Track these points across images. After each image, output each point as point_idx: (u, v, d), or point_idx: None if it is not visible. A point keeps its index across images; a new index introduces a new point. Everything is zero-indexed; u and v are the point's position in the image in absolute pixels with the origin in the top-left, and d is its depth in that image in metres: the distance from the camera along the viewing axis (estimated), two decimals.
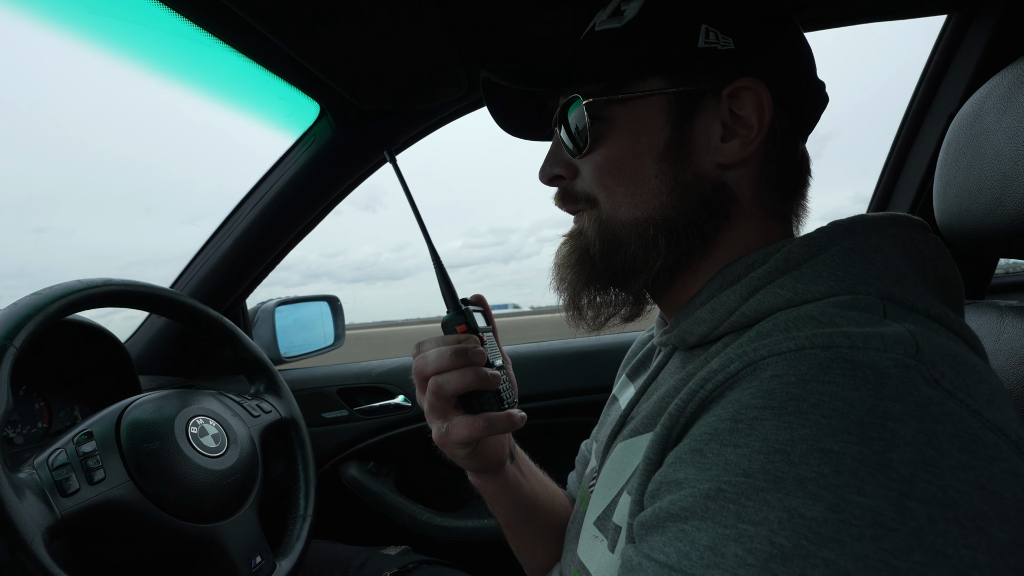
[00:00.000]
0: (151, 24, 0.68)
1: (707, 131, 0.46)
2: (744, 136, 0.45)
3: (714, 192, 0.46)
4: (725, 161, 0.46)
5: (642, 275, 0.47)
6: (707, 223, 0.46)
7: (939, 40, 0.90)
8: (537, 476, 0.67)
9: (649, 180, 0.46)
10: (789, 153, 0.48)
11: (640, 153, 0.46)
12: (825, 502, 0.26)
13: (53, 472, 0.56)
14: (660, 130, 0.46)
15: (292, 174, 0.99)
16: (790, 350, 0.33)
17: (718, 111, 0.45)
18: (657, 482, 0.34)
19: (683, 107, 0.45)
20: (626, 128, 0.47)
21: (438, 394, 0.49)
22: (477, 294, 0.59)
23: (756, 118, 0.45)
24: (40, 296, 0.62)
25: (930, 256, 0.42)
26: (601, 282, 0.50)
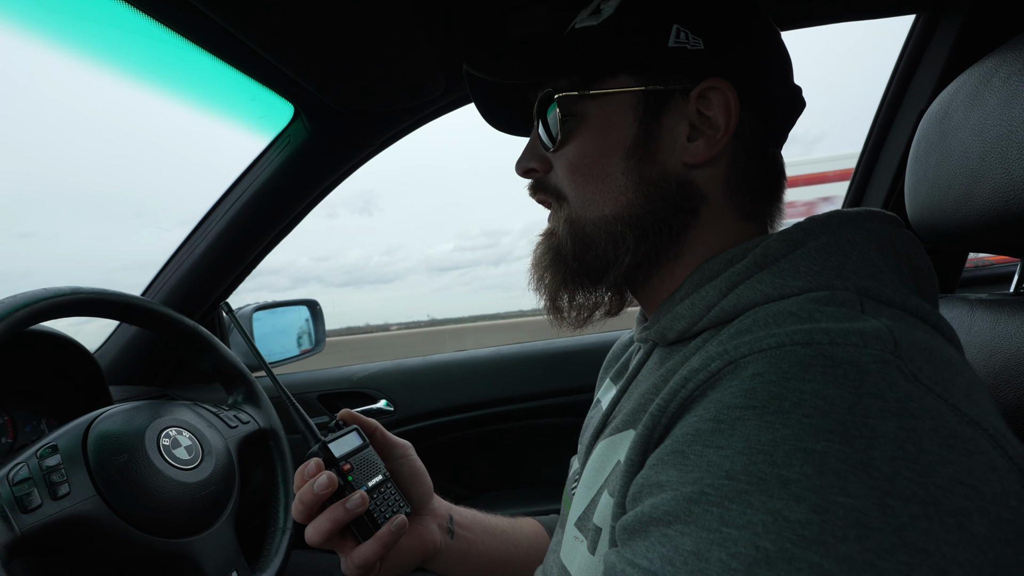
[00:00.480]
0: (121, 26, 0.66)
1: (673, 130, 0.46)
2: (710, 136, 0.46)
3: (679, 190, 0.47)
4: (691, 160, 0.46)
5: (612, 271, 0.48)
6: (674, 220, 0.47)
7: (908, 39, 0.92)
8: (494, 533, 0.67)
9: (616, 177, 0.47)
10: (757, 155, 0.48)
11: (607, 150, 0.47)
12: (808, 503, 0.26)
13: (13, 487, 0.54)
14: (627, 127, 0.47)
15: (267, 176, 0.97)
16: (770, 347, 0.33)
17: (686, 111, 0.46)
18: (639, 484, 0.34)
19: (651, 105, 0.46)
20: (595, 124, 0.47)
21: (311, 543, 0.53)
22: (345, 411, 0.62)
23: (723, 118, 0.45)
24: (2, 305, 0.59)
25: (904, 250, 0.42)
26: (577, 280, 0.50)
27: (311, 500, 0.52)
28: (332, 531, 0.52)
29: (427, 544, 0.59)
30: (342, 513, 0.52)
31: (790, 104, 0.50)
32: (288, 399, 0.59)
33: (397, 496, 0.58)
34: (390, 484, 0.58)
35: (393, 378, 1.26)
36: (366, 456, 0.58)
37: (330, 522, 0.52)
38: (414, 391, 1.26)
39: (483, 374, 1.26)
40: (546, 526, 0.72)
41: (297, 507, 0.53)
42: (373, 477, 0.57)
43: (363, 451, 0.58)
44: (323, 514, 0.52)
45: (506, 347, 1.33)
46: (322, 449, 0.56)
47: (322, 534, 0.52)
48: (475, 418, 1.25)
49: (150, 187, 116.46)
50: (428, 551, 0.59)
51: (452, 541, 0.62)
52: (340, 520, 0.52)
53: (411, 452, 0.64)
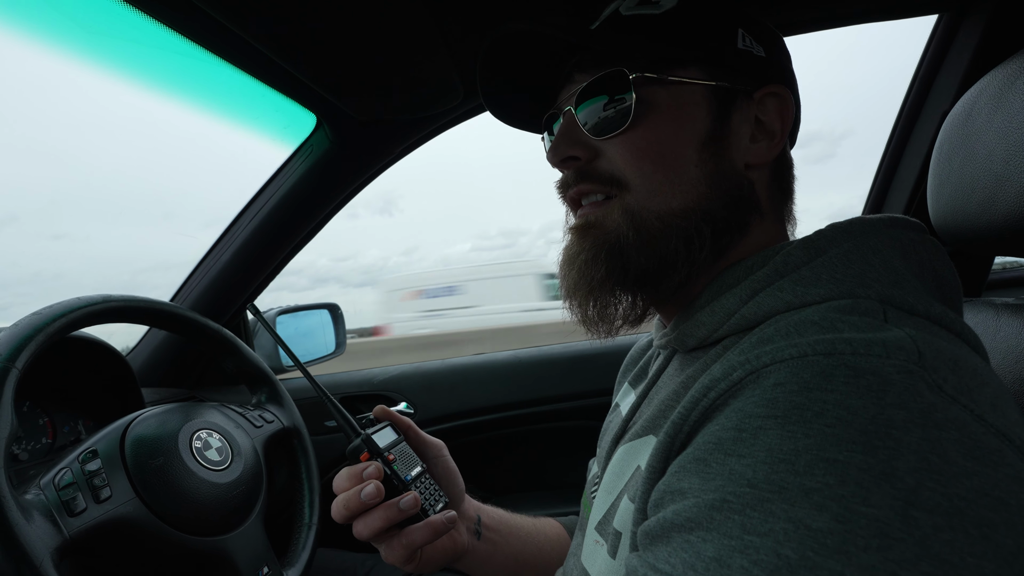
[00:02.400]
0: (154, 44, 0.69)
1: (739, 130, 0.47)
2: (768, 141, 0.47)
3: (748, 189, 0.47)
4: (753, 161, 0.47)
5: (682, 270, 0.45)
6: (743, 218, 0.47)
7: (931, 40, 0.90)
8: (519, 535, 0.68)
9: (689, 169, 0.45)
10: (790, 159, 0.51)
11: (683, 140, 0.45)
12: (830, 512, 0.26)
13: (60, 492, 0.57)
14: (703, 119, 0.45)
15: (290, 185, 0.99)
16: (792, 357, 0.33)
17: (749, 112, 0.47)
18: (661, 491, 0.35)
19: (722, 101, 0.46)
20: (669, 112, 0.45)
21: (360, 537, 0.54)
22: (380, 407, 0.62)
23: (779, 124, 0.47)
24: (40, 316, 0.62)
25: (927, 257, 0.42)
26: (627, 281, 0.46)
27: (357, 507, 0.53)
28: (383, 528, 0.53)
29: (457, 544, 0.60)
30: (395, 513, 0.53)
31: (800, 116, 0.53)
32: (325, 396, 0.60)
33: (436, 488, 0.59)
34: (428, 476, 0.59)
35: (413, 381, 1.28)
36: (404, 449, 0.59)
37: (384, 520, 0.53)
38: (433, 394, 1.27)
39: (502, 377, 1.27)
40: (567, 528, 0.73)
41: (339, 511, 0.53)
42: (414, 467, 0.58)
43: (401, 444, 0.59)
44: (376, 511, 0.53)
45: (524, 350, 1.34)
46: (366, 441, 0.56)
47: (373, 531, 0.53)
48: (494, 421, 1.26)
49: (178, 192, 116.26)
50: (457, 551, 0.60)
51: (479, 542, 0.63)
52: (393, 519, 0.53)
53: (445, 452, 0.65)
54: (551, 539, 0.70)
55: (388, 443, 0.58)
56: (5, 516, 0.50)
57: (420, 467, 0.59)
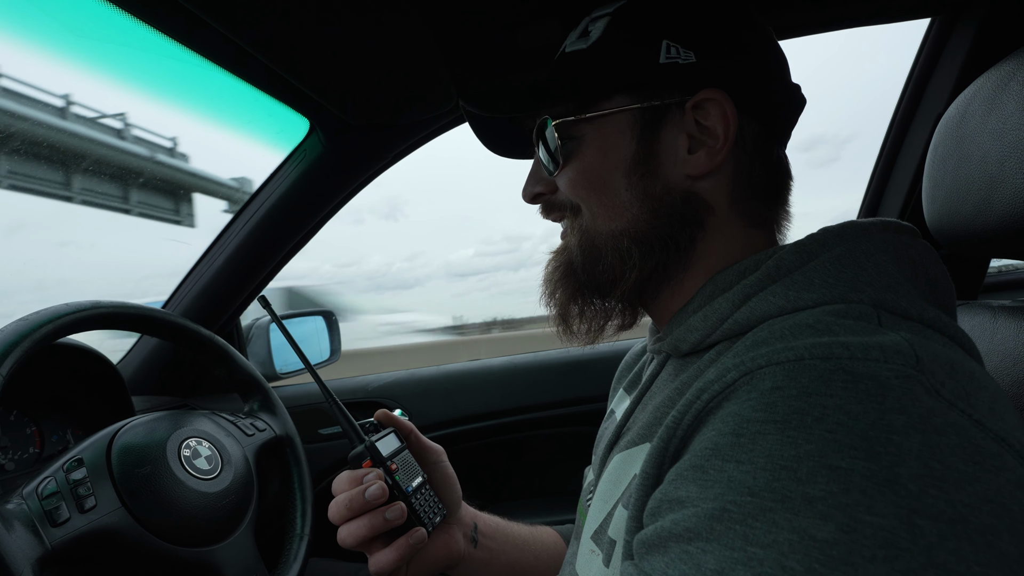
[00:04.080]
0: (147, 48, 0.69)
1: (673, 144, 0.46)
2: (711, 146, 0.46)
3: (684, 203, 0.47)
4: (694, 172, 0.46)
5: (620, 284, 0.48)
6: (680, 234, 0.47)
7: (924, 43, 0.91)
8: (516, 542, 0.68)
9: (620, 193, 0.47)
10: (763, 160, 0.48)
11: (609, 168, 0.47)
12: (835, 522, 0.25)
13: (43, 501, 0.56)
14: (626, 145, 0.47)
15: (283, 190, 0.99)
16: (788, 360, 0.32)
17: (683, 124, 0.46)
18: (657, 499, 0.34)
19: (648, 122, 0.47)
20: (594, 145, 0.48)
21: (343, 545, 0.54)
22: (382, 411, 0.62)
23: (721, 128, 0.45)
24: (26, 322, 0.61)
25: (920, 261, 0.42)
26: (586, 294, 0.51)
27: (360, 507, 0.53)
28: (368, 537, 0.53)
29: (452, 552, 0.60)
30: (380, 522, 0.53)
31: (790, 104, 0.50)
32: (331, 398, 0.59)
33: (436, 500, 0.59)
34: (428, 487, 0.59)
35: (407, 388, 1.27)
36: (406, 457, 0.59)
37: (369, 528, 0.53)
38: (428, 400, 1.26)
39: (497, 383, 1.26)
40: (564, 536, 0.72)
41: (339, 510, 0.53)
42: (415, 478, 0.58)
43: (403, 452, 0.59)
44: (362, 519, 0.53)
45: (519, 356, 1.33)
46: (370, 449, 0.56)
47: (357, 539, 0.53)
48: (489, 427, 1.25)
49: None
50: (453, 559, 0.60)
51: (475, 550, 0.63)
52: (378, 528, 0.53)
53: (444, 458, 0.65)
54: (548, 547, 0.70)
55: (391, 451, 0.57)
56: None
57: (421, 477, 0.58)
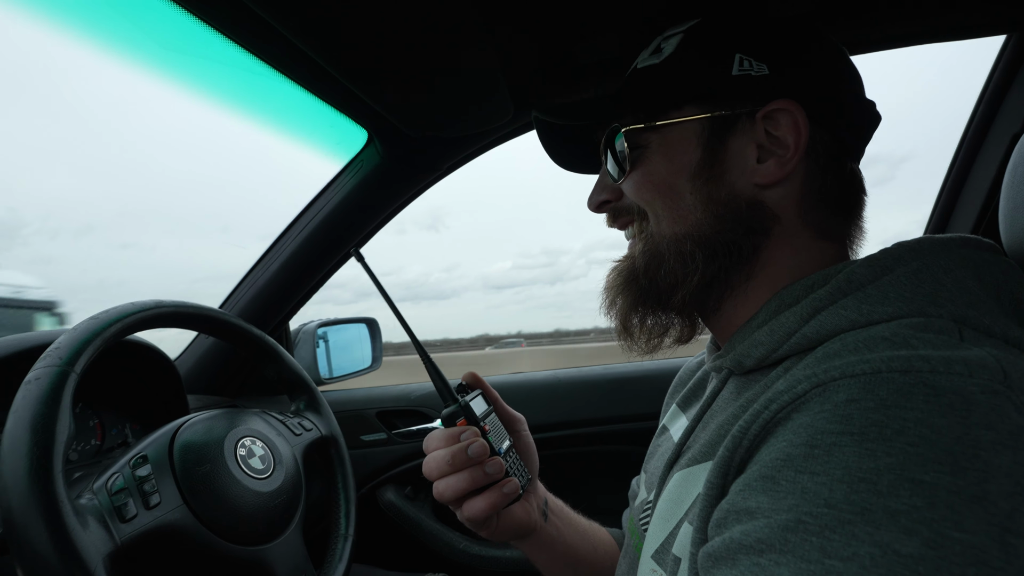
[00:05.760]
0: (221, 60, 0.72)
1: (741, 152, 0.47)
2: (780, 156, 0.46)
3: (750, 210, 0.47)
4: (762, 181, 0.47)
5: (681, 290, 0.48)
6: (744, 240, 0.47)
7: (998, 60, 0.87)
8: (578, 529, 0.67)
9: (684, 196, 0.48)
10: (834, 172, 0.48)
11: (674, 171, 0.49)
12: (921, 537, 0.24)
13: (112, 497, 0.57)
14: (692, 152, 0.48)
15: (339, 199, 1.01)
16: (864, 372, 0.31)
17: (753, 134, 0.47)
18: (724, 511, 0.33)
19: (715, 130, 0.48)
20: (660, 151, 0.49)
21: (440, 500, 0.55)
22: (470, 373, 0.62)
23: (792, 138, 0.46)
24: (97, 320, 0.64)
25: (1004, 279, 0.40)
26: (648, 302, 0.51)
27: (463, 463, 0.53)
28: (468, 491, 0.54)
29: (530, 520, 0.60)
30: (481, 476, 0.53)
31: (863, 119, 0.50)
32: (423, 354, 0.59)
33: (521, 463, 0.59)
34: (514, 450, 0.59)
35: None
36: (495, 420, 0.59)
37: (470, 482, 0.53)
38: None
39: (541, 397, 1.25)
40: (615, 538, 0.72)
41: (439, 465, 0.54)
42: (504, 441, 0.58)
43: (491, 415, 0.59)
44: (463, 473, 0.53)
45: (563, 370, 1.32)
46: (465, 408, 0.56)
47: (457, 492, 0.53)
48: None
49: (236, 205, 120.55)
50: (529, 527, 0.60)
51: (545, 524, 0.63)
52: (479, 482, 0.53)
53: (525, 427, 0.65)
54: (604, 542, 0.69)
55: (482, 412, 0.58)
56: (63, 522, 0.49)
57: (508, 441, 0.59)
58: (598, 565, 0.65)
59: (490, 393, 0.63)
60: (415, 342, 0.59)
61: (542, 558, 0.64)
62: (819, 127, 0.46)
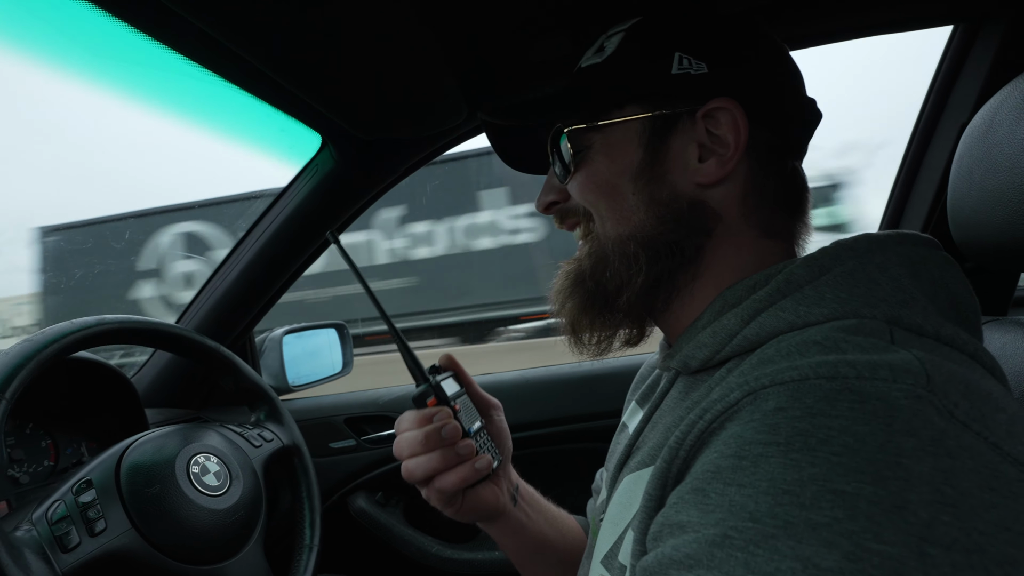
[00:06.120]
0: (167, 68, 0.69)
1: (683, 152, 0.47)
2: (721, 155, 0.46)
3: (691, 210, 0.47)
4: (703, 180, 0.47)
5: (626, 291, 0.48)
6: (686, 241, 0.47)
7: (946, 51, 0.88)
8: (547, 515, 0.67)
9: (627, 197, 0.48)
10: (775, 170, 0.48)
11: (616, 172, 0.48)
12: (841, 550, 0.24)
13: (52, 527, 0.55)
14: (634, 152, 0.48)
15: (295, 205, 0.99)
16: (793, 380, 0.32)
17: (694, 133, 0.47)
18: (659, 524, 0.33)
19: (656, 130, 0.47)
20: (603, 151, 0.49)
21: (409, 480, 0.54)
22: (446, 355, 0.61)
23: (732, 136, 0.46)
24: (32, 343, 0.61)
25: (940, 275, 0.40)
26: (595, 305, 0.51)
27: (435, 443, 0.53)
28: (440, 471, 0.53)
29: (498, 502, 0.60)
30: (453, 456, 0.53)
31: (804, 117, 0.51)
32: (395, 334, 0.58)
33: (492, 445, 0.59)
34: (486, 432, 0.59)
35: None
36: (467, 401, 0.59)
37: (443, 462, 0.53)
38: None
39: (509, 397, 1.23)
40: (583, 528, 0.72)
41: (412, 446, 0.53)
42: (475, 422, 0.58)
43: (463, 396, 0.59)
44: (435, 453, 0.53)
45: (532, 370, 1.32)
46: (435, 388, 0.56)
47: (428, 471, 0.53)
48: None
49: None
50: (497, 509, 0.60)
51: (514, 508, 0.62)
52: (451, 463, 0.53)
53: (500, 413, 0.65)
54: (572, 529, 0.69)
55: (453, 393, 0.58)
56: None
57: (480, 422, 0.59)
58: (566, 553, 0.65)
59: (464, 376, 0.62)
60: (387, 322, 0.58)
61: (510, 543, 0.64)
62: (759, 125, 0.46)
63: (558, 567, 0.64)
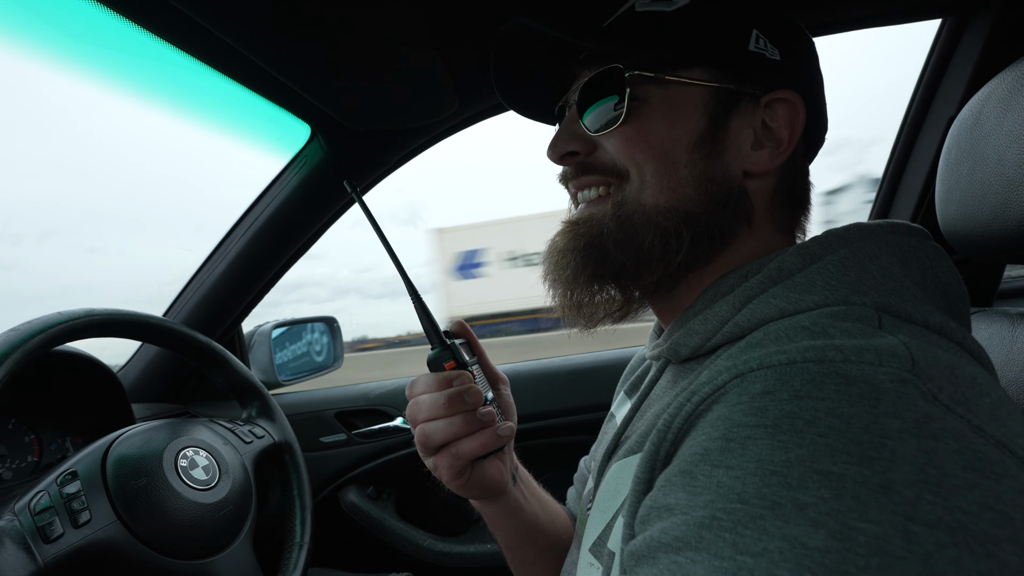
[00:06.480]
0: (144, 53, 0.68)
1: (739, 135, 0.45)
2: (773, 148, 0.45)
3: (740, 196, 0.45)
4: (753, 169, 0.45)
5: (657, 270, 0.45)
6: (728, 226, 0.45)
7: (934, 45, 0.89)
8: (540, 499, 0.66)
9: (678, 168, 0.44)
10: (804, 171, 0.49)
11: (674, 137, 0.44)
12: (827, 529, 0.25)
13: (35, 517, 0.54)
14: (695, 120, 0.44)
15: (284, 197, 0.98)
16: (780, 363, 0.32)
17: (752, 118, 0.45)
18: (647, 507, 0.33)
19: (721, 104, 0.45)
20: (661, 110, 0.44)
21: (426, 445, 0.50)
22: (458, 321, 0.58)
23: (787, 132, 0.45)
24: (17, 332, 0.60)
25: (930, 264, 0.41)
26: (606, 274, 0.46)
27: (458, 407, 0.49)
28: (459, 436, 0.49)
29: (502, 478, 0.56)
30: (475, 420, 0.49)
31: (826, 122, 0.51)
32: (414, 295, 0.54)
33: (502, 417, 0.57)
34: (496, 403, 0.57)
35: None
36: (479, 370, 0.57)
37: (465, 426, 0.49)
38: None
39: None
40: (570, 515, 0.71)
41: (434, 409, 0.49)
42: (488, 391, 0.55)
43: (476, 364, 0.56)
44: (456, 417, 0.49)
45: (522, 363, 1.32)
46: (454, 350, 0.53)
47: (448, 435, 0.49)
48: None
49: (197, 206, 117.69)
50: (501, 486, 0.56)
51: (514, 488, 0.60)
52: (472, 427, 0.49)
53: (507, 389, 0.62)
54: (560, 516, 0.68)
55: (469, 360, 0.55)
56: None
57: (490, 392, 0.56)
58: (555, 539, 0.64)
59: (476, 344, 0.59)
60: (406, 280, 0.55)
61: (506, 524, 0.61)
62: (807, 124, 0.46)
63: (546, 553, 0.64)
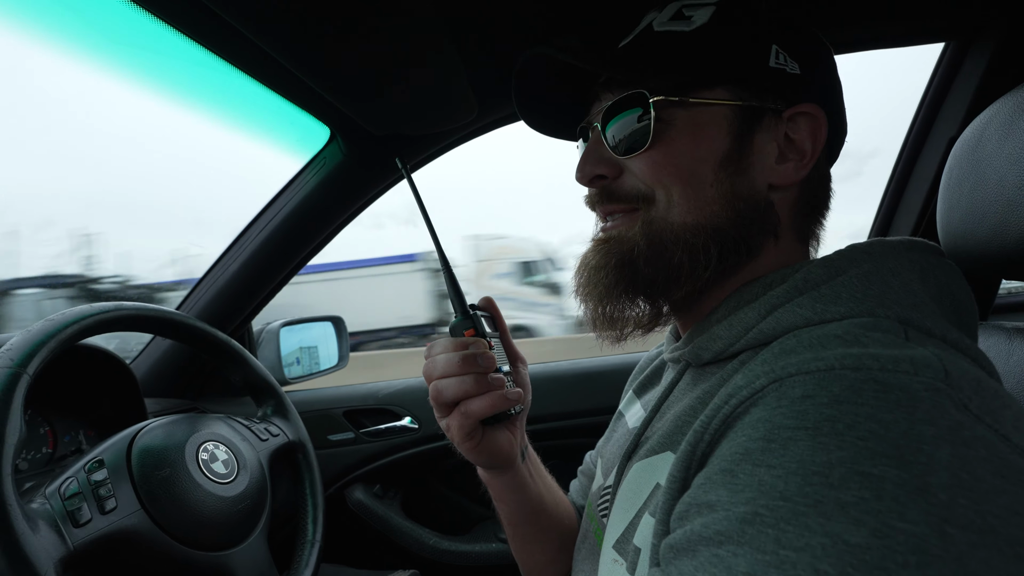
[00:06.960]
0: (181, 57, 0.70)
1: (763, 150, 0.47)
2: (797, 161, 0.47)
3: (766, 210, 0.47)
4: (778, 182, 0.47)
5: (686, 286, 0.46)
6: (754, 240, 0.47)
7: (937, 67, 0.92)
8: (545, 480, 0.67)
9: (706, 186, 0.46)
10: (826, 181, 0.50)
11: (700, 157, 0.46)
12: (868, 527, 0.26)
13: (65, 502, 0.56)
14: (721, 139, 0.46)
15: (301, 197, 0.99)
16: (819, 369, 0.33)
17: (775, 132, 0.46)
18: (686, 503, 0.34)
19: (745, 121, 0.46)
20: (687, 132, 0.46)
21: (437, 400, 0.51)
22: (487, 297, 0.59)
23: (810, 144, 0.46)
24: (53, 322, 0.62)
25: (946, 281, 0.43)
26: (637, 290, 0.48)
27: (471, 367, 0.50)
28: (470, 394, 0.50)
29: (512, 450, 0.57)
30: (486, 381, 0.50)
31: (845, 131, 0.52)
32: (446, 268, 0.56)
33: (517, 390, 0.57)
34: (511, 377, 0.58)
35: (418, 395, 1.27)
36: (498, 343, 0.58)
37: (476, 385, 0.50)
38: None
39: None
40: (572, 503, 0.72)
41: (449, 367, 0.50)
42: (505, 364, 0.57)
43: (496, 337, 0.58)
44: (469, 376, 0.50)
45: (530, 366, 1.33)
46: (475, 320, 0.55)
47: (459, 393, 0.50)
48: None
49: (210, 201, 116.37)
50: (511, 457, 0.57)
51: (521, 464, 0.61)
52: (484, 387, 0.50)
53: (525, 368, 0.63)
54: (563, 502, 0.69)
55: (490, 332, 0.57)
56: (11, 525, 0.49)
57: (507, 366, 0.58)
58: (558, 521, 0.65)
59: (500, 321, 0.60)
60: (440, 253, 0.57)
61: (512, 499, 0.62)
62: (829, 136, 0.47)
63: (549, 534, 0.64)
